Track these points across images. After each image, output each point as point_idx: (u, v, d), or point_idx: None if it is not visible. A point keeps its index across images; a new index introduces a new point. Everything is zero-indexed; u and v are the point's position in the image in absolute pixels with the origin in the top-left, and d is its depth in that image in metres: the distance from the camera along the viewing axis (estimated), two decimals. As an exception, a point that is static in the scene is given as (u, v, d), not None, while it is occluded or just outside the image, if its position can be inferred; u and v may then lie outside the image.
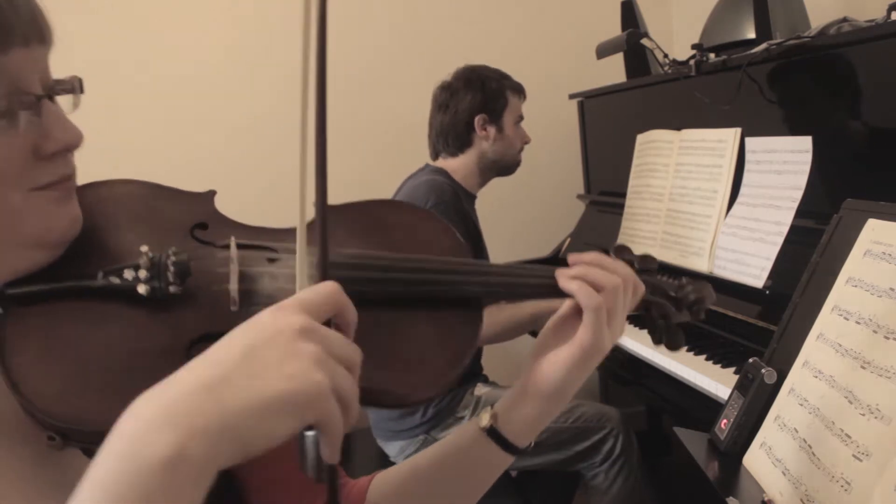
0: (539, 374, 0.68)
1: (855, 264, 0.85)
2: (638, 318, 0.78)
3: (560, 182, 2.82)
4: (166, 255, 0.59)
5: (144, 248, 0.59)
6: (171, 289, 0.59)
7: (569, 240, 2.42)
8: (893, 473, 0.64)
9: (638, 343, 1.69)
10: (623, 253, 0.80)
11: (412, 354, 0.63)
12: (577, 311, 0.68)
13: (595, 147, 2.47)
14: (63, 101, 0.59)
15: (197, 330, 0.58)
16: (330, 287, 0.49)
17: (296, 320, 0.45)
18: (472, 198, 2.10)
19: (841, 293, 0.85)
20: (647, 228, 1.91)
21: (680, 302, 0.76)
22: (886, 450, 0.66)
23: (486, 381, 2.00)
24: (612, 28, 2.28)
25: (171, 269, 0.59)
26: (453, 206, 1.89)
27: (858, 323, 0.79)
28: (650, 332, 0.77)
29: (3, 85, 0.50)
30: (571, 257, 0.70)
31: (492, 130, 2.03)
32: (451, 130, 2.05)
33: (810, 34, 1.51)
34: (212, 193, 0.71)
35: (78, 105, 0.60)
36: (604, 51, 2.22)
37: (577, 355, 0.66)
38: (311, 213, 0.53)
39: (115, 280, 0.58)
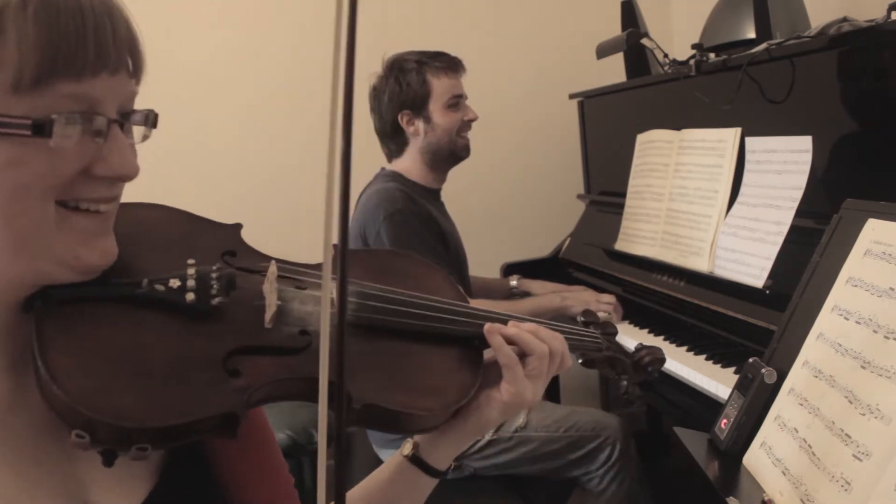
0: (472, 407, 0.77)
1: (855, 264, 0.85)
2: (611, 361, 0.96)
3: (560, 182, 2.82)
4: (212, 269, 0.63)
5: (192, 262, 0.63)
6: (215, 300, 0.62)
7: (569, 240, 2.42)
8: (893, 473, 0.64)
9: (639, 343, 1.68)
10: (588, 316, 0.99)
11: (428, 383, 0.70)
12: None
13: (595, 147, 2.46)
14: (135, 131, 0.61)
15: (234, 342, 0.61)
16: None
17: None
18: (434, 192, 1.98)
19: (841, 293, 0.85)
20: (647, 228, 1.91)
21: (637, 364, 0.95)
22: (886, 450, 0.66)
23: None
24: (612, 28, 2.28)
25: (217, 281, 0.62)
26: (409, 212, 1.79)
27: (858, 323, 0.79)
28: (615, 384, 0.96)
29: (82, 104, 0.54)
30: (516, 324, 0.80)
31: (419, 124, 1.89)
32: (382, 134, 1.96)
33: (810, 34, 1.51)
34: (238, 226, 0.76)
35: (148, 137, 0.62)
36: (604, 51, 2.21)
37: (505, 401, 0.77)
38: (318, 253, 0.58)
39: (159, 287, 0.60)
